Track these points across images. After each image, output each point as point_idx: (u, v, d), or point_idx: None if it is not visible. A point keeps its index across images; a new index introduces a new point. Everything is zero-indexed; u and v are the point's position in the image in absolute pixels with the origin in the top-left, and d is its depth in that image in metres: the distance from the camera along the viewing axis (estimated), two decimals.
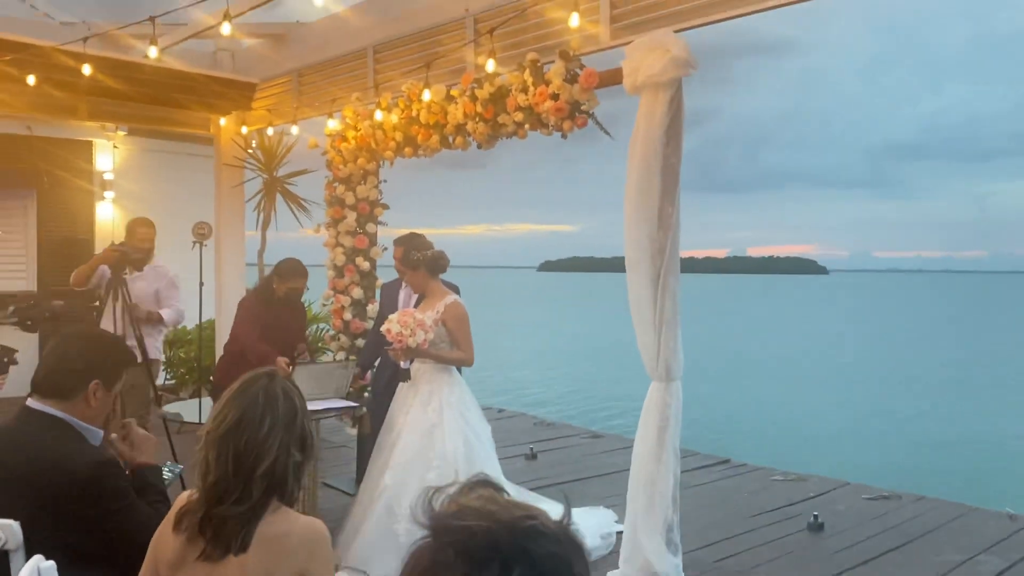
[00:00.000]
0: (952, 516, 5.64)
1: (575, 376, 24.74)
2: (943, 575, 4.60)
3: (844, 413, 19.07)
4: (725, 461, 7.20)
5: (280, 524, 1.84)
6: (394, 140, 5.17)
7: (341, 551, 4.39)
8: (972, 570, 4.71)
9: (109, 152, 9.84)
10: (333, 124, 5.68)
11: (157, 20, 5.42)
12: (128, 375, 5.75)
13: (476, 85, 4.51)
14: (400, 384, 4.60)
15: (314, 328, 7.99)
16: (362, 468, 5.00)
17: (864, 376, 25.58)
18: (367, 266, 5.95)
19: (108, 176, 9.80)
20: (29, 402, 2.32)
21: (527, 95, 4.15)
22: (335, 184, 5.94)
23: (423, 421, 4.38)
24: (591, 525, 4.99)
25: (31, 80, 5.45)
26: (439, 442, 4.33)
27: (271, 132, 6.95)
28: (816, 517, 5.39)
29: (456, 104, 4.63)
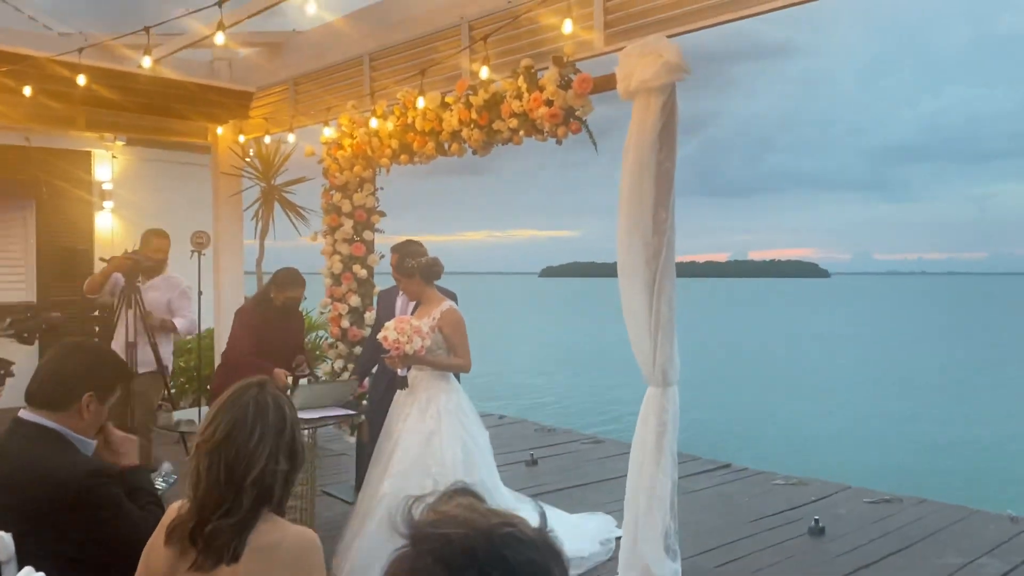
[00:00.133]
0: (954, 519, 5.63)
1: (576, 380, 24.73)
2: None
3: (845, 416, 19.04)
4: (726, 466, 7.19)
5: (271, 534, 1.83)
6: (390, 147, 5.18)
7: (340, 559, 4.38)
8: (974, 573, 4.69)
9: (108, 162, 9.86)
10: (329, 132, 5.69)
11: (153, 31, 5.43)
12: (139, 383, 5.78)
13: (471, 92, 4.52)
14: (398, 392, 4.60)
15: (312, 336, 7.99)
16: (361, 476, 4.99)
17: (865, 379, 25.56)
18: (364, 274, 5.95)
19: (107, 186, 9.82)
20: (21, 413, 2.32)
21: (521, 102, 4.16)
22: (332, 192, 5.95)
23: (421, 428, 4.37)
24: (590, 531, 4.98)
25: (27, 91, 5.46)
26: (437, 449, 4.32)
27: (268, 140, 6.97)
28: (817, 521, 5.38)
29: (451, 111, 4.64)
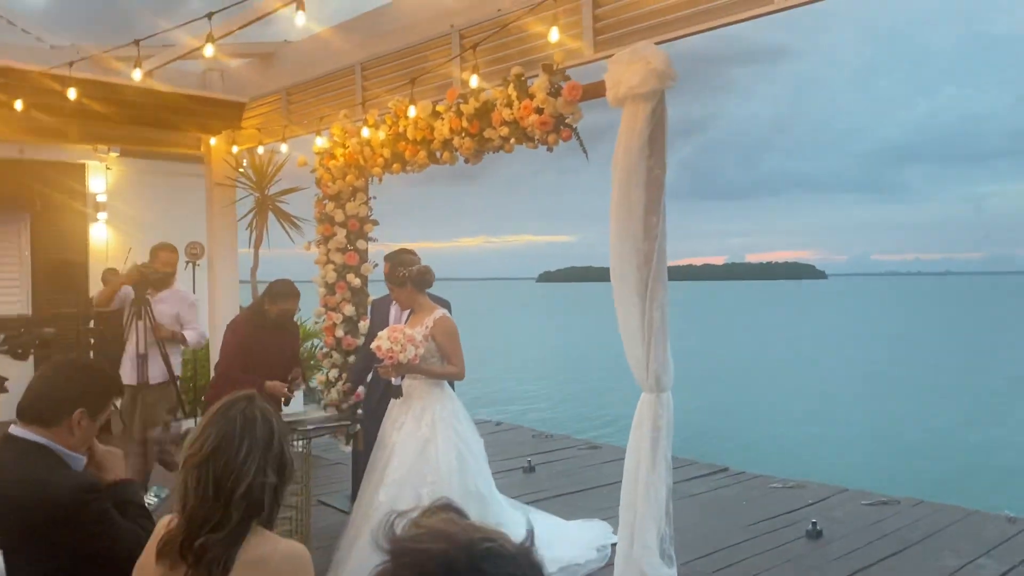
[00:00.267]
0: (951, 520, 5.63)
1: (574, 385, 24.71)
2: None
3: (842, 418, 19.04)
4: (723, 469, 7.19)
5: (261, 547, 1.83)
6: (382, 156, 5.18)
7: (336, 569, 4.38)
8: (972, 574, 4.69)
9: (102, 174, 9.85)
10: (321, 142, 5.69)
11: (146, 43, 5.44)
12: (151, 394, 5.80)
13: (461, 100, 4.52)
14: (392, 400, 4.60)
15: (308, 345, 7.99)
16: (357, 485, 4.98)
17: (861, 380, 25.57)
18: (358, 283, 5.94)
19: (101, 198, 9.81)
20: (12, 429, 2.31)
21: (512, 110, 4.17)
22: (324, 201, 5.95)
23: (416, 437, 4.37)
24: (586, 538, 4.98)
25: (18, 105, 5.47)
26: (433, 457, 4.32)
27: (261, 151, 6.97)
28: (815, 524, 5.37)
29: (442, 120, 4.64)
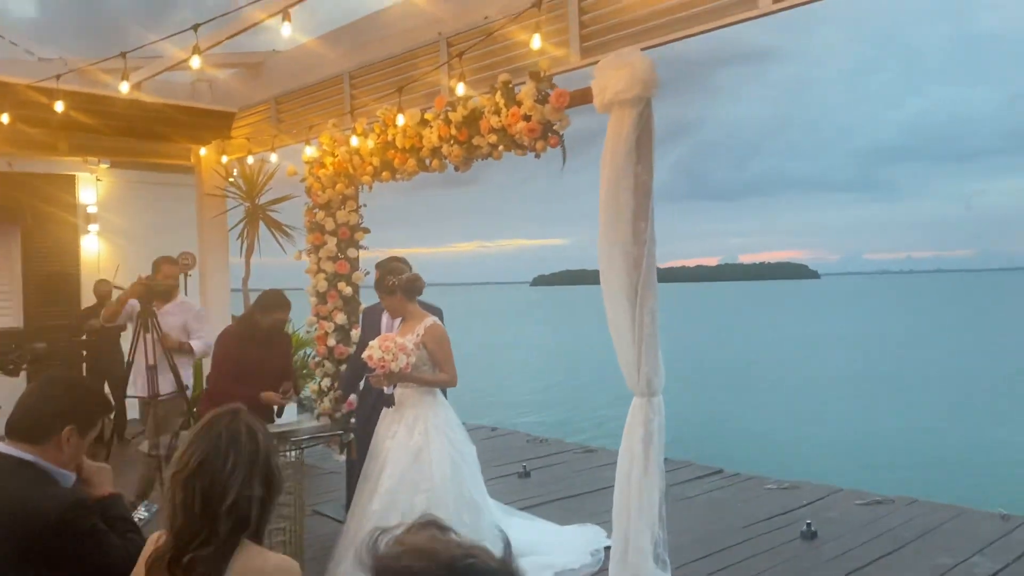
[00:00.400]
0: (945, 519, 5.64)
1: (568, 388, 24.70)
2: None
3: (836, 417, 19.08)
4: (718, 471, 7.18)
5: (252, 562, 1.83)
6: (371, 165, 5.18)
7: None
8: (966, 572, 4.70)
9: (92, 185, 9.84)
10: (310, 151, 5.70)
11: (135, 55, 5.43)
12: (161, 406, 5.77)
13: (450, 108, 4.53)
14: (384, 410, 4.59)
15: (300, 354, 7.98)
16: (351, 495, 4.97)
17: (854, 379, 25.62)
18: (349, 291, 5.94)
19: (92, 209, 9.80)
20: None
21: (500, 117, 4.17)
22: (315, 210, 5.95)
23: (409, 446, 4.36)
24: (580, 543, 4.98)
25: (4, 119, 5.46)
26: (427, 466, 4.31)
27: (251, 160, 6.97)
28: (809, 525, 5.37)
29: (431, 128, 4.65)
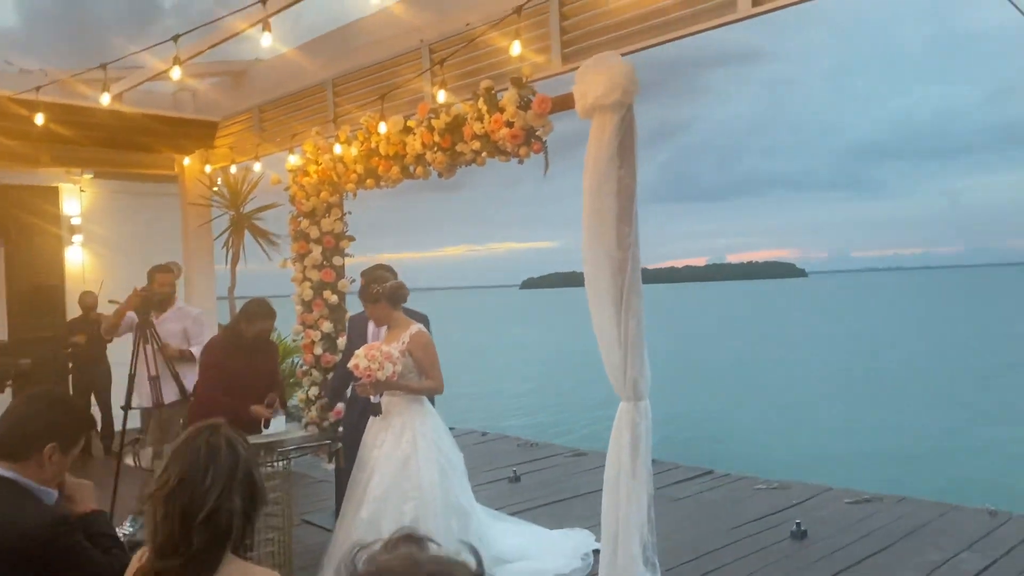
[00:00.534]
0: (934, 516, 5.67)
1: (559, 391, 24.69)
2: None
3: (825, 415, 19.15)
4: (708, 472, 7.19)
5: None
6: (355, 172, 5.18)
7: None
8: (954, 569, 4.72)
9: (76, 196, 9.77)
10: (294, 159, 5.69)
11: (117, 65, 5.41)
12: (165, 413, 5.73)
13: (433, 115, 4.53)
14: (371, 418, 4.58)
15: (288, 362, 7.95)
16: (340, 503, 4.95)
17: (843, 377, 25.73)
18: (335, 299, 5.93)
19: (76, 220, 9.74)
20: None
21: (483, 123, 4.18)
22: (299, 219, 5.93)
23: (397, 454, 4.36)
24: (570, 547, 4.98)
25: None
26: (415, 473, 4.31)
27: (234, 170, 6.95)
28: (799, 525, 5.38)
29: (414, 135, 4.65)
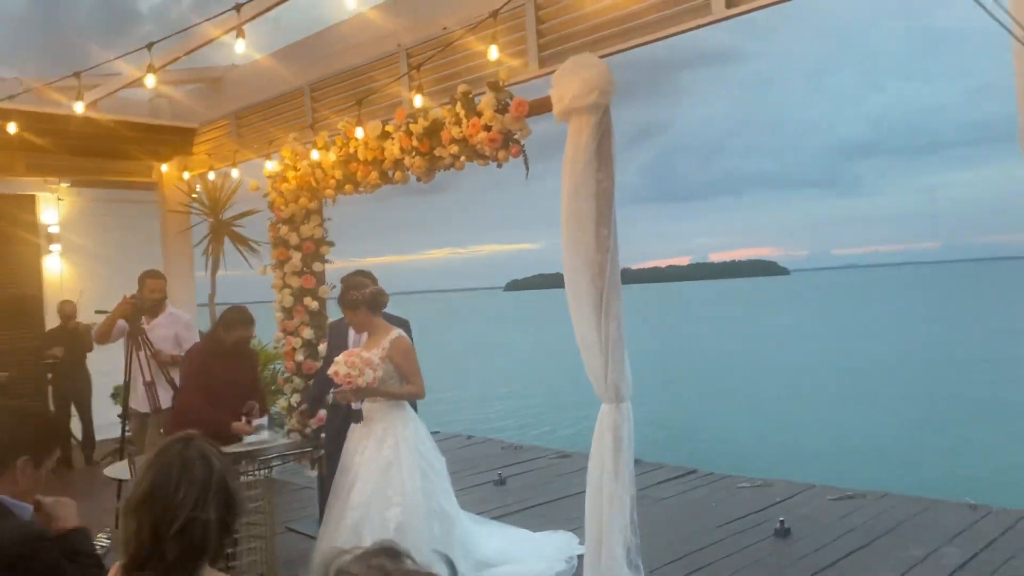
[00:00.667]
0: (915, 511, 5.71)
1: (543, 393, 24.68)
2: (906, 571, 4.65)
3: (809, 412, 19.25)
4: (692, 471, 7.21)
5: None
6: (334, 178, 5.16)
7: None
8: (936, 563, 4.75)
9: (53, 205, 9.69)
10: (272, 165, 5.66)
11: (93, 73, 5.37)
12: (163, 416, 5.66)
13: (411, 120, 4.53)
14: (353, 424, 4.56)
15: (270, 369, 7.89)
16: (324, 510, 4.93)
17: (826, 374, 25.87)
18: (316, 306, 5.90)
19: (54, 229, 9.66)
20: None
21: (460, 127, 4.18)
22: (278, 225, 5.90)
23: (379, 460, 4.35)
24: (554, 550, 4.98)
25: None
26: (397, 479, 4.30)
27: (212, 176, 6.91)
28: (782, 522, 5.41)
29: (392, 140, 4.64)
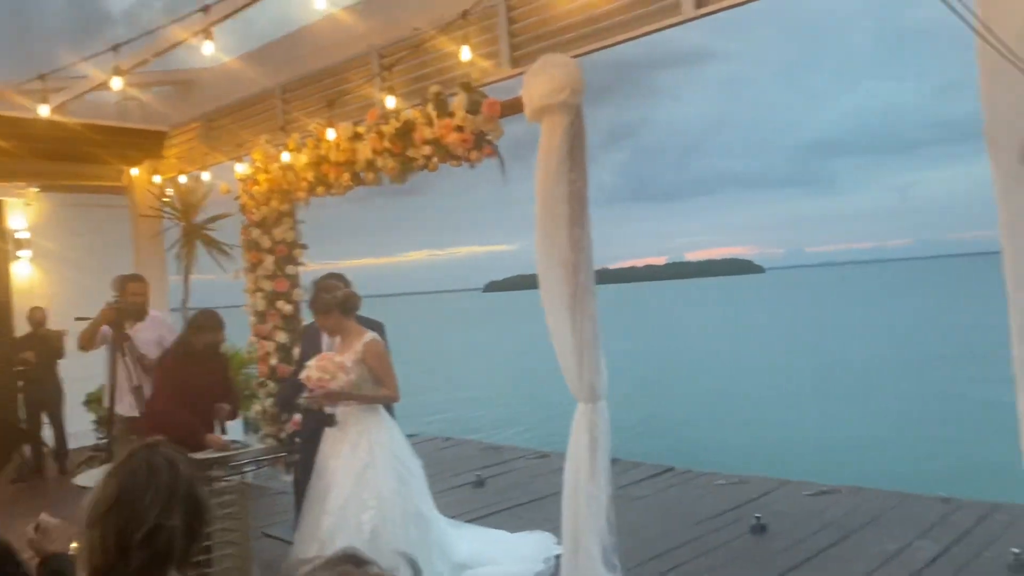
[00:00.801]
0: (889, 505, 5.77)
1: (523, 394, 24.68)
2: (880, 565, 4.69)
3: (784, 408, 19.41)
4: (669, 469, 7.23)
5: None
6: (306, 180, 5.12)
7: None
8: (910, 557, 4.80)
9: (22, 210, 9.55)
10: (242, 168, 5.61)
11: (58, 76, 5.28)
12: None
13: (383, 121, 4.50)
14: (327, 429, 4.52)
15: (244, 374, 7.80)
16: (300, 515, 4.89)
17: (800, 369, 26.10)
18: (289, 309, 5.85)
19: (23, 235, 9.51)
20: None
21: (432, 128, 4.16)
22: (250, 228, 5.85)
23: (354, 463, 4.31)
24: (531, 550, 4.98)
25: None
26: (373, 483, 4.27)
27: (183, 180, 6.83)
28: (759, 519, 5.44)
29: (364, 141, 4.61)
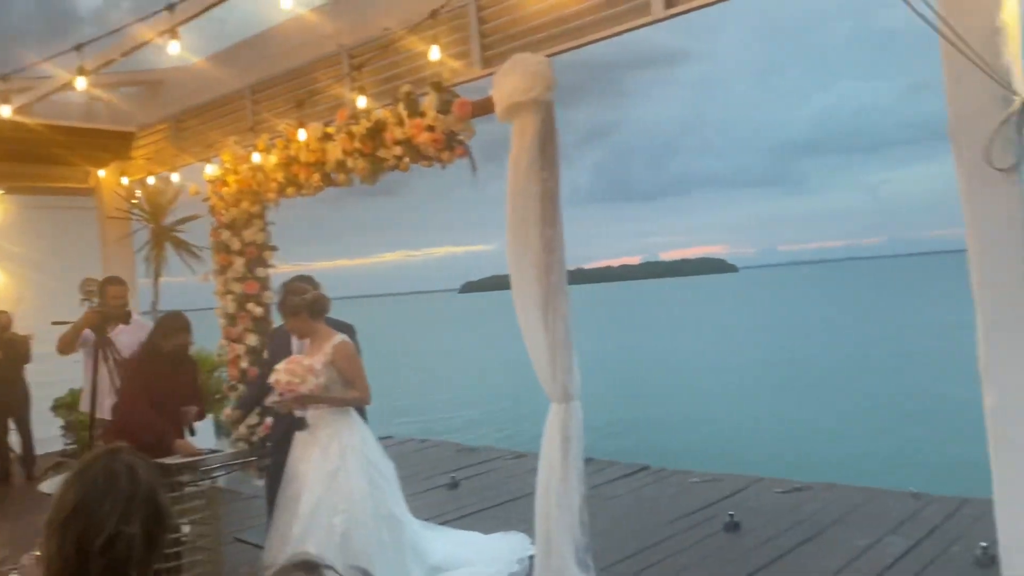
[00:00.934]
0: (860, 501, 5.83)
1: (498, 395, 24.67)
2: (851, 561, 4.73)
3: (757, 406, 19.56)
4: (644, 468, 7.26)
5: None
6: (276, 181, 5.08)
7: None
8: (880, 552, 4.85)
9: None
10: (211, 169, 5.55)
11: (23, 76, 5.20)
12: None
13: (353, 121, 4.47)
14: (297, 433, 4.48)
15: (214, 377, 7.73)
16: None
17: (773, 368, 26.32)
18: (260, 311, 5.79)
19: None
20: None
21: (403, 128, 4.14)
22: (220, 230, 5.78)
23: (325, 466, 4.28)
24: (505, 551, 4.97)
25: None
26: (344, 486, 4.24)
27: (152, 181, 6.74)
28: (732, 516, 5.47)
29: (334, 142, 4.58)
